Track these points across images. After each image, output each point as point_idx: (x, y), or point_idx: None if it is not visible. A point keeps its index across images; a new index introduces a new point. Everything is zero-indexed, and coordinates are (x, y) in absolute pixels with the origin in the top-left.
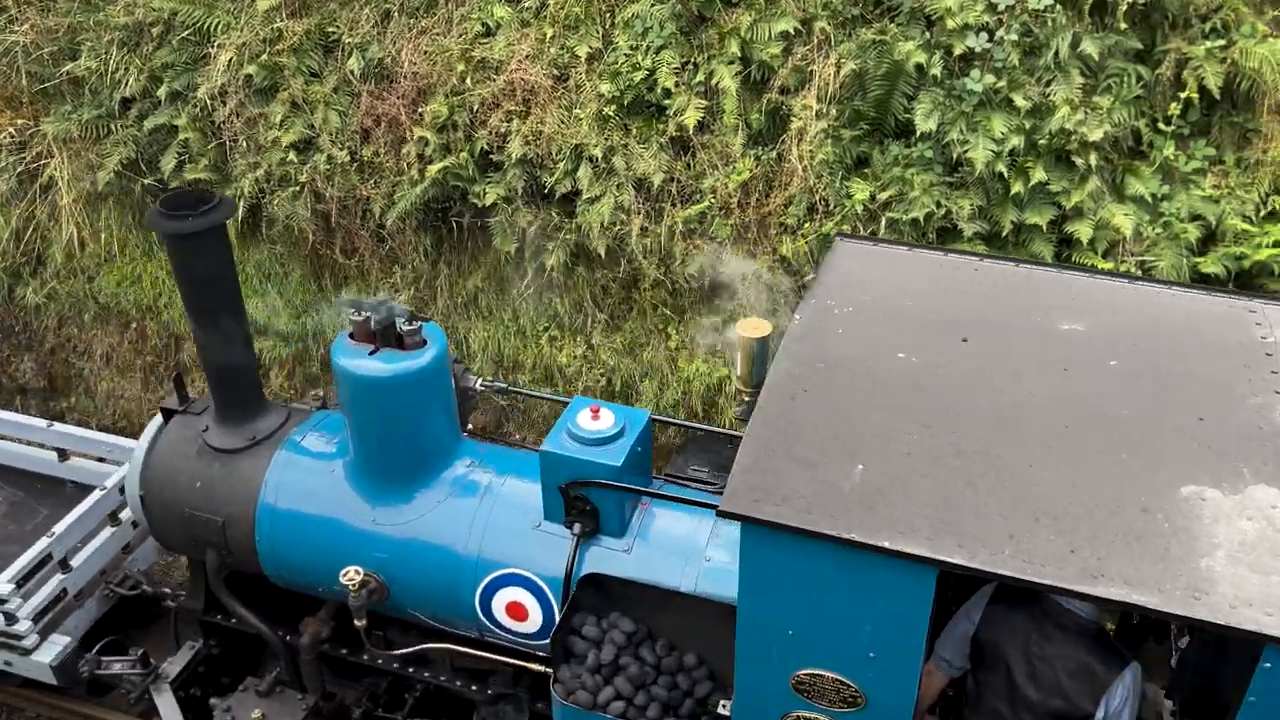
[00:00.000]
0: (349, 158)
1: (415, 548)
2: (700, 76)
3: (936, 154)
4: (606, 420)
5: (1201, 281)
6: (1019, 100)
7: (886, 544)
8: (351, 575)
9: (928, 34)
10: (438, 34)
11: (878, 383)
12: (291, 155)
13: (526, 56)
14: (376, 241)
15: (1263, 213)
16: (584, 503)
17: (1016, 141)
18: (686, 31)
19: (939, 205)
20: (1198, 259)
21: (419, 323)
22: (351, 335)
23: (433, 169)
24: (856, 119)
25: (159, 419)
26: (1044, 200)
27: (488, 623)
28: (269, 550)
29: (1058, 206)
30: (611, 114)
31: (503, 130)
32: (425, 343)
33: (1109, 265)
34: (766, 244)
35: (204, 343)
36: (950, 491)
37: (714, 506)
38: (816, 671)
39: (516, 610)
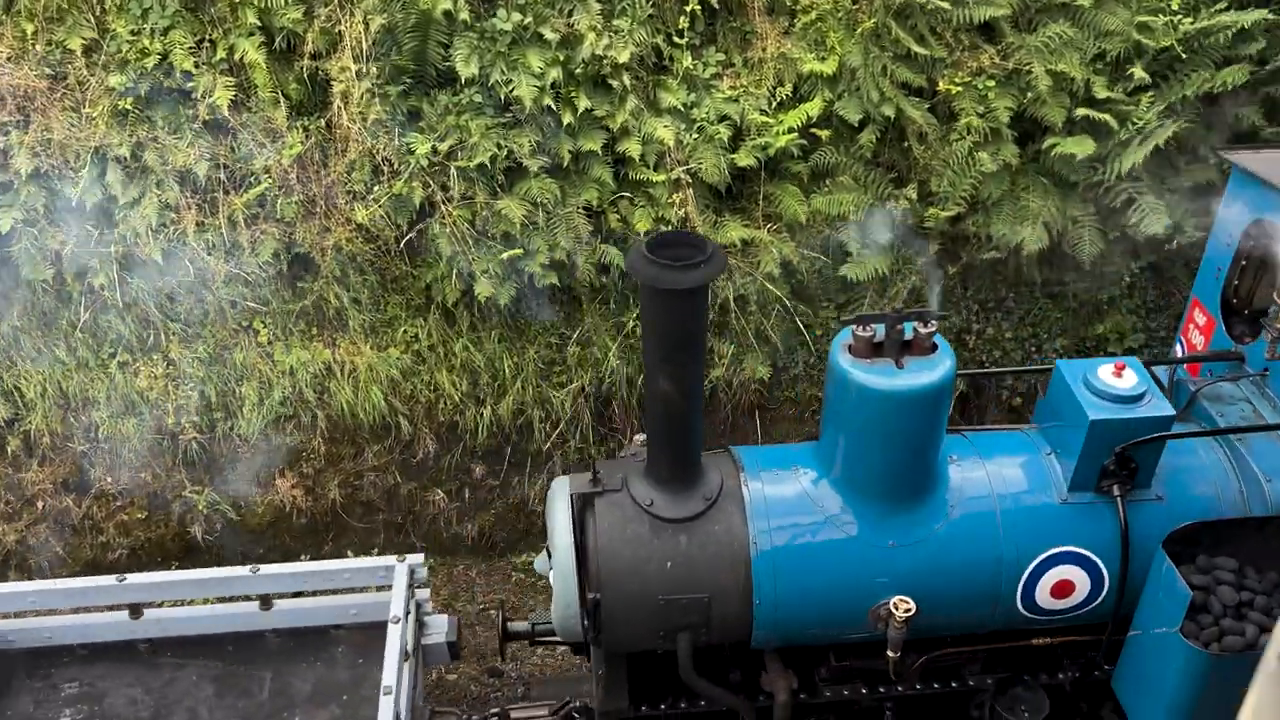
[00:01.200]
0: None
1: (943, 560)
2: (221, 53)
3: (485, 97)
4: (1131, 375)
5: (739, 176)
6: (548, 33)
7: None
8: (905, 605)
9: None
10: None
11: None
12: None
13: (8, 59)
14: None
15: (774, 104)
16: (1130, 462)
17: (555, 74)
18: (193, 7)
19: (500, 147)
20: (733, 155)
21: (934, 322)
22: (850, 350)
23: None
24: (399, 74)
25: (563, 511)
26: (593, 126)
27: (1024, 610)
28: (770, 610)
29: (606, 130)
30: (130, 107)
31: (1, 146)
32: (936, 345)
33: (661, 176)
34: (339, 215)
35: (666, 401)
36: None
37: None
38: None
39: (1063, 588)
